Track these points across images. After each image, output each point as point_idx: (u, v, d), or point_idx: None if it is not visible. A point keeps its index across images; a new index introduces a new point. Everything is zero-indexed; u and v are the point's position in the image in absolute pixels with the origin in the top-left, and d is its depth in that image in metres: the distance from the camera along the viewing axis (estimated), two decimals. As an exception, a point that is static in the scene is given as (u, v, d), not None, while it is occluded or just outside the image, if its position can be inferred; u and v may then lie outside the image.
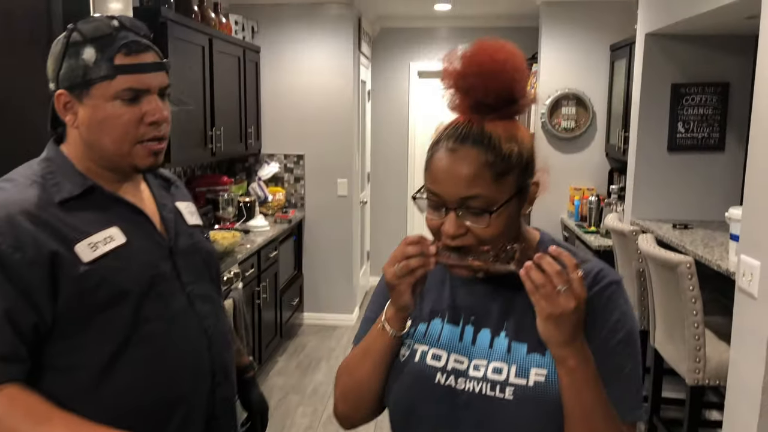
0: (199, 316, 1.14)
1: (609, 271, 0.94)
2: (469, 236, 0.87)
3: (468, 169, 0.85)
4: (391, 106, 5.60)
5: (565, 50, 4.35)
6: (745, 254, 1.99)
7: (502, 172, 0.85)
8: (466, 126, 0.88)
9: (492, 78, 0.84)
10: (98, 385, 1.04)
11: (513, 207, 0.88)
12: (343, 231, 4.53)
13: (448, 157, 0.86)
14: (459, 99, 0.89)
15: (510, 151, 0.86)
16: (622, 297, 0.92)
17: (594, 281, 0.91)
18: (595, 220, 3.99)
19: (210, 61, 3.33)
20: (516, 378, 0.88)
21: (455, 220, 0.86)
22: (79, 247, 1.02)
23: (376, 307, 1.02)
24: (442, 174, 0.86)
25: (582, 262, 0.94)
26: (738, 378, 2.01)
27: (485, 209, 0.85)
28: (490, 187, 0.85)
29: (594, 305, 0.89)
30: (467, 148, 0.85)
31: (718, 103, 3.32)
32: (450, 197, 0.86)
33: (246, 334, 2.88)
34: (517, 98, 0.87)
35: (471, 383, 0.90)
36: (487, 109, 0.87)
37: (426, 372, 0.93)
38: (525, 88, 0.88)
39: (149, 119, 1.07)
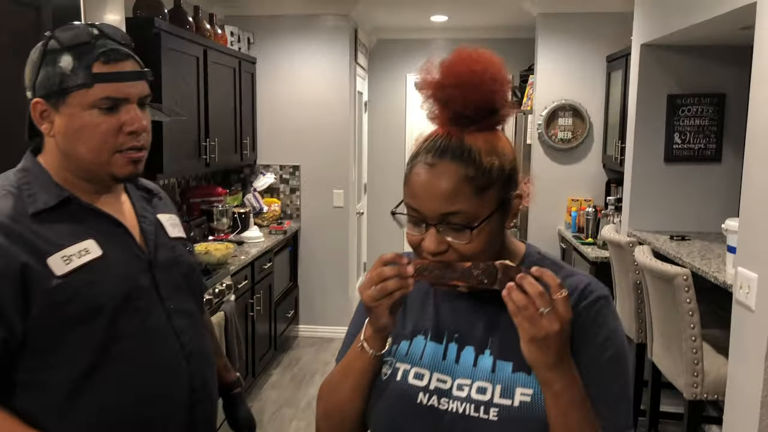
0: (178, 332, 1.11)
1: (596, 285, 0.91)
2: (450, 252, 0.84)
3: (447, 184, 0.82)
4: (388, 117, 5.59)
5: (562, 61, 4.35)
6: (743, 266, 1.96)
7: (483, 186, 0.83)
8: (445, 139, 0.85)
9: (471, 89, 0.82)
10: (70, 403, 1.00)
11: (495, 221, 0.86)
12: (339, 242, 4.50)
13: (427, 172, 0.83)
14: (438, 110, 0.86)
15: (491, 165, 0.83)
16: (610, 313, 0.89)
17: (581, 296, 0.89)
18: (592, 232, 3.97)
19: (204, 71, 3.32)
20: (501, 398, 0.85)
21: (436, 236, 0.83)
22: (52, 260, 0.99)
23: (359, 321, 0.99)
24: (421, 189, 0.83)
25: (567, 277, 0.91)
26: (736, 392, 1.97)
27: (466, 225, 0.82)
28: (470, 202, 0.82)
29: (582, 321, 0.87)
30: (446, 163, 0.83)
31: (714, 114, 3.31)
32: (430, 213, 0.83)
33: (238, 346, 2.84)
34: (497, 108, 0.85)
35: (455, 403, 0.87)
36: (467, 120, 0.84)
37: (408, 392, 0.90)
38: (505, 97, 0.85)
39: (128, 129, 1.05)
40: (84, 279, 1.01)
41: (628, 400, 0.89)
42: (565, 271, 0.93)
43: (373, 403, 0.94)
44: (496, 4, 4.37)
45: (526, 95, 4.78)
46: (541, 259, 0.94)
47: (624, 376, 0.89)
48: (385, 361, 0.94)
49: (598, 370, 0.86)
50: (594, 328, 0.87)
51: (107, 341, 1.02)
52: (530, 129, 4.47)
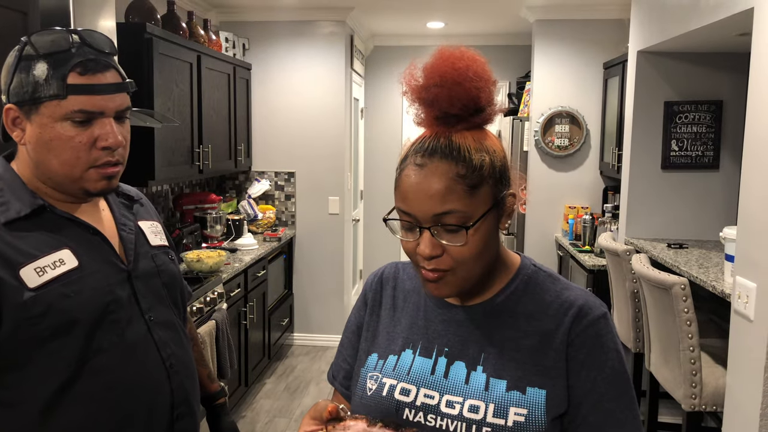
0: (159, 344, 1.07)
1: (594, 302, 0.87)
2: (446, 258, 0.81)
3: (439, 183, 0.79)
4: (385, 124, 5.57)
5: (559, 68, 4.33)
6: (741, 275, 1.93)
7: (475, 184, 0.80)
8: (433, 139, 0.82)
9: (455, 87, 0.80)
10: (45, 420, 0.96)
11: (490, 221, 0.83)
12: (335, 249, 4.46)
13: (417, 174, 0.81)
14: (424, 112, 0.84)
15: (481, 162, 0.80)
16: (609, 332, 0.86)
17: (579, 315, 0.85)
18: (589, 239, 3.93)
19: (198, 77, 3.30)
20: (494, 417, 0.82)
21: (430, 239, 0.81)
22: (25, 271, 0.95)
23: (355, 314, 1.01)
24: (412, 192, 0.81)
25: (563, 290, 0.89)
26: (735, 403, 1.94)
27: (461, 225, 0.79)
28: (463, 201, 0.79)
29: (580, 343, 0.84)
30: (436, 162, 0.80)
31: (711, 121, 3.28)
32: (422, 215, 0.80)
33: (230, 355, 2.80)
34: (483, 106, 0.83)
35: (444, 421, 0.83)
36: (454, 119, 0.82)
37: (393, 407, 0.87)
38: (490, 95, 0.83)
39: (101, 144, 1.00)
40: (58, 291, 0.97)
41: (634, 423, 0.85)
42: (561, 284, 0.90)
43: None
44: (492, 10, 4.35)
45: (523, 102, 4.76)
46: (536, 272, 0.91)
47: (627, 396, 0.85)
48: (371, 376, 0.91)
49: (599, 394, 0.83)
50: (593, 351, 0.84)
51: (83, 356, 0.98)
52: (527, 136, 4.45)
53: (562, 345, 0.84)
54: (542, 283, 0.90)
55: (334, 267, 4.47)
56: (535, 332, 0.86)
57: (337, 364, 1.02)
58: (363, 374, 0.93)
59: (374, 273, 1.03)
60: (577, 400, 0.83)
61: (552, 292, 0.88)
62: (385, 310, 0.97)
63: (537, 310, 0.87)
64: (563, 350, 0.84)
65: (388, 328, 0.95)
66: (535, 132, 4.35)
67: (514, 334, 0.86)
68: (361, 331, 0.99)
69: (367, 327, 0.98)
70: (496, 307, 0.88)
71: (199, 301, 2.66)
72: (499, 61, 5.16)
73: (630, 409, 0.85)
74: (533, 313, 0.87)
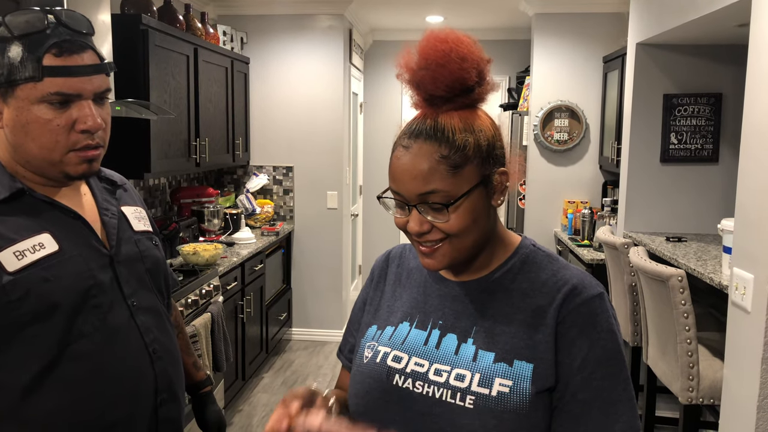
0: (142, 330, 1.06)
1: (589, 282, 0.88)
2: (435, 232, 0.85)
3: (422, 164, 0.82)
4: (384, 118, 5.55)
5: (558, 62, 4.31)
6: (738, 267, 1.91)
7: (458, 164, 0.82)
8: (420, 121, 0.86)
9: (438, 69, 0.82)
10: (25, 405, 0.95)
11: (477, 199, 0.85)
12: (333, 244, 4.45)
13: (404, 155, 0.84)
14: (414, 94, 0.87)
15: (465, 142, 0.83)
16: (604, 312, 0.86)
17: (572, 294, 0.86)
18: (588, 234, 3.92)
19: (195, 70, 3.28)
20: (478, 386, 0.83)
21: (417, 216, 0.84)
22: (4, 255, 0.94)
23: (363, 292, 1.05)
24: (399, 172, 0.85)
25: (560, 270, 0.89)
26: (732, 396, 1.92)
27: (444, 204, 0.82)
28: (446, 180, 0.82)
29: (572, 322, 0.85)
30: (420, 144, 0.83)
31: (711, 114, 3.26)
32: (409, 195, 0.84)
33: (226, 348, 2.79)
34: (471, 86, 0.84)
35: (431, 388, 0.86)
36: (441, 100, 0.85)
37: (385, 373, 0.90)
38: (481, 75, 0.85)
39: (80, 127, 0.98)
40: (38, 275, 0.96)
41: (627, 403, 0.85)
42: (558, 264, 0.91)
43: (352, 384, 0.94)
44: (491, 4, 4.33)
45: (522, 96, 4.74)
46: (535, 252, 0.93)
47: (620, 376, 0.85)
48: (369, 345, 0.94)
49: (590, 372, 0.84)
50: (585, 329, 0.85)
51: (65, 340, 0.97)
52: (526, 130, 4.43)
53: (553, 321, 0.85)
54: (539, 262, 0.91)
55: (332, 262, 4.46)
56: (528, 308, 0.87)
57: (345, 339, 1.07)
58: (362, 344, 0.97)
59: (383, 253, 1.08)
60: (566, 378, 0.84)
61: (548, 270, 0.90)
62: (388, 286, 1.01)
63: (531, 287, 0.89)
64: (553, 326, 0.85)
65: (390, 302, 0.99)
66: (535, 126, 4.33)
67: (508, 310, 0.88)
68: (365, 306, 1.03)
69: (371, 302, 1.02)
70: (492, 284, 0.90)
71: (195, 293, 2.65)
72: (499, 55, 5.14)
73: (623, 389, 0.85)
74: (527, 290, 0.89)
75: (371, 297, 1.02)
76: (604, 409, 0.83)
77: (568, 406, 0.83)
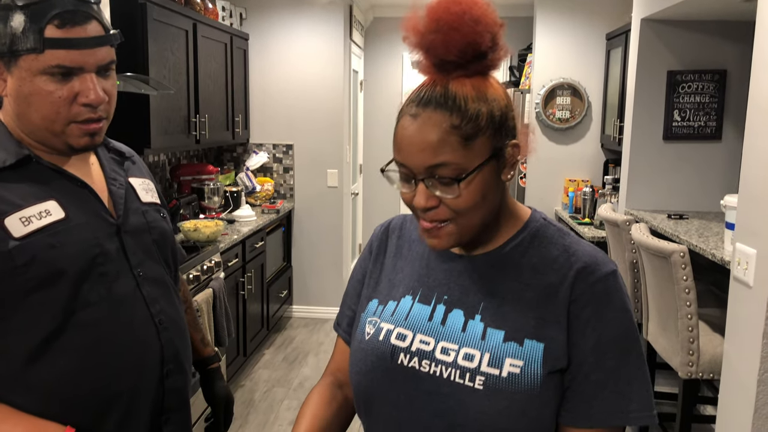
0: (148, 300, 1.06)
1: (601, 260, 0.84)
2: (442, 208, 0.80)
3: (431, 134, 0.76)
4: (385, 96, 5.51)
5: (560, 39, 4.26)
6: (741, 242, 1.91)
7: (470, 135, 0.77)
8: (429, 88, 0.79)
9: (450, 32, 0.76)
10: (29, 372, 0.95)
11: (488, 173, 0.79)
12: (334, 223, 4.45)
13: (411, 124, 0.78)
14: (423, 59, 0.81)
15: (478, 111, 0.77)
16: (618, 290, 0.83)
17: (586, 272, 0.82)
18: (589, 212, 3.92)
19: (194, 46, 3.25)
20: (488, 367, 0.80)
21: (425, 191, 0.79)
22: (10, 220, 0.93)
23: (360, 264, 1.01)
24: (406, 143, 0.78)
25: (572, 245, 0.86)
26: (732, 370, 1.93)
27: (455, 178, 0.77)
28: (457, 153, 0.76)
29: (587, 300, 0.81)
30: (430, 112, 0.77)
31: (715, 91, 3.24)
32: (416, 167, 0.78)
33: (227, 324, 2.80)
34: (484, 52, 0.78)
35: (438, 367, 0.82)
36: (452, 66, 0.78)
37: (389, 352, 0.86)
38: (493, 40, 0.79)
39: (82, 100, 0.97)
40: (44, 242, 0.95)
41: (642, 382, 0.83)
42: (569, 239, 0.87)
43: (353, 361, 0.91)
44: (494, -21, 4.27)
45: (524, 74, 4.70)
46: (546, 225, 0.89)
47: (634, 355, 0.83)
48: (370, 321, 0.91)
49: (604, 351, 0.81)
50: (600, 308, 0.81)
51: (70, 308, 0.96)
52: (528, 108, 4.40)
53: (565, 300, 0.82)
54: (551, 237, 0.87)
55: (332, 240, 4.46)
56: (539, 285, 0.83)
57: (342, 312, 1.02)
58: (363, 319, 0.93)
59: (381, 224, 1.03)
60: (580, 359, 0.81)
61: (559, 246, 0.86)
62: (389, 258, 0.97)
63: (542, 263, 0.85)
64: (565, 306, 0.82)
65: (390, 275, 0.94)
66: (536, 104, 4.31)
67: (517, 286, 0.84)
68: (365, 280, 0.99)
69: (371, 274, 0.98)
70: (501, 258, 0.86)
71: (196, 269, 2.65)
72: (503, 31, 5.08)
73: (637, 368, 0.82)
74: (538, 266, 0.85)
75: (371, 270, 0.98)
76: (618, 388, 0.81)
77: (581, 387, 0.81)
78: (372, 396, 0.88)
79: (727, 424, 1.93)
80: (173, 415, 1.10)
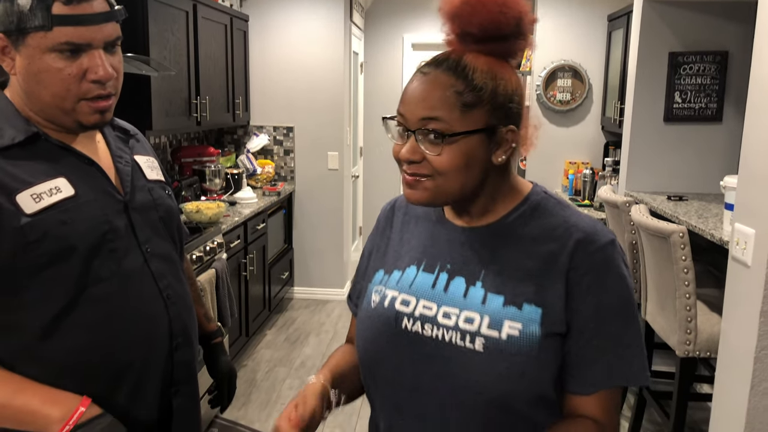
0: (156, 275, 1.08)
1: (602, 229, 0.88)
2: (425, 164, 0.83)
3: (434, 91, 0.81)
4: (385, 79, 5.49)
5: (562, 21, 4.24)
6: (740, 222, 1.93)
7: (469, 103, 0.81)
8: (446, 54, 0.85)
9: (478, 5, 0.81)
10: (42, 346, 0.97)
11: (476, 145, 0.82)
12: (334, 205, 4.46)
13: (419, 80, 0.84)
14: (448, 28, 0.85)
15: (483, 84, 0.81)
16: (617, 258, 0.86)
17: (587, 241, 0.85)
18: (589, 194, 3.93)
19: (194, 27, 3.23)
20: (488, 329, 0.83)
21: (413, 144, 0.83)
22: (21, 197, 0.94)
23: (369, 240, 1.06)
24: (409, 94, 0.84)
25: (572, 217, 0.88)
26: (729, 348, 1.96)
27: (441, 133, 0.81)
28: (453, 114, 0.81)
29: (587, 268, 0.84)
30: (438, 73, 0.82)
31: (716, 73, 3.24)
32: (412, 117, 0.83)
33: (230, 304, 2.83)
34: (506, 34, 0.82)
35: (440, 330, 0.86)
36: (472, 39, 0.83)
37: (393, 317, 0.90)
38: (519, 26, 0.82)
39: (91, 77, 0.98)
40: (55, 218, 0.96)
41: (639, 345, 0.87)
42: (569, 211, 0.90)
43: (360, 329, 0.94)
44: (495, -40, 4.24)
45: (525, 56, 4.69)
46: (546, 198, 0.92)
47: (633, 321, 0.86)
48: (376, 290, 0.94)
49: (604, 318, 0.85)
50: (600, 276, 0.84)
51: (82, 283, 0.98)
52: (529, 90, 4.39)
53: (564, 267, 0.84)
54: (551, 209, 0.90)
55: (333, 222, 4.48)
56: (539, 254, 0.86)
57: (353, 286, 1.07)
58: (370, 289, 0.97)
59: (388, 202, 1.07)
60: (580, 324, 0.84)
61: (559, 217, 0.89)
62: (395, 233, 1.01)
63: (542, 233, 0.88)
64: (564, 272, 0.84)
65: (396, 247, 0.98)
66: (537, 86, 4.30)
67: (517, 255, 0.87)
68: (372, 253, 1.03)
69: (378, 248, 1.02)
70: (502, 229, 0.89)
71: (199, 249, 2.67)
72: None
73: (636, 333, 0.86)
74: (538, 236, 0.88)
75: (377, 244, 1.02)
76: (618, 353, 0.84)
77: (582, 351, 0.84)
78: (377, 361, 0.91)
79: (723, 401, 1.96)
80: (182, 387, 1.12)
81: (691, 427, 2.78)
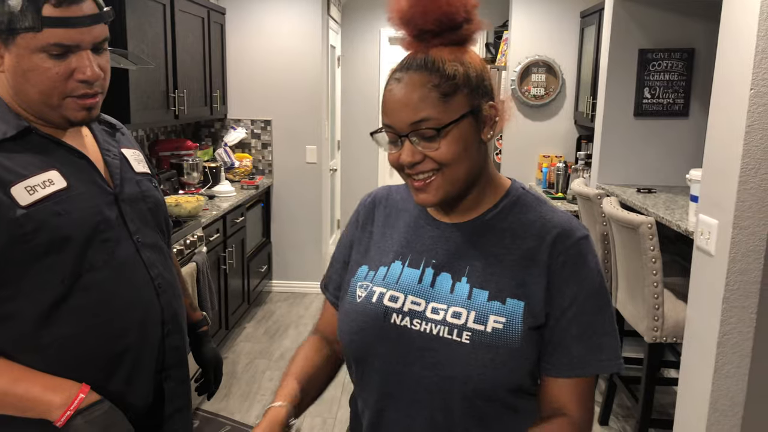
0: (147, 265, 1.11)
1: (577, 225, 0.93)
2: (427, 162, 0.86)
3: (414, 94, 0.84)
4: (362, 72, 5.52)
5: (536, 17, 4.32)
6: (704, 213, 2.02)
7: (448, 92, 0.85)
8: (411, 56, 0.89)
9: (428, 3, 0.85)
10: (39, 334, 1.00)
11: (467, 128, 0.87)
12: (313, 198, 4.49)
13: (396, 87, 0.86)
14: (405, 33, 0.89)
15: (454, 71, 0.85)
16: (590, 252, 0.92)
17: (563, 236, 0.91)
18: (562, 187, 4.03)
19: (172, 20, 3.22)
20: (474, 323, 0.88)
21: (409, 147, 0.86)
22: (16, 189, 0.97)
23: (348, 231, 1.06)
24: (391, 104, 0.86)
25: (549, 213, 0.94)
26: (694, 334, 2.06)
27: (435, 128, 0.84)
28: (437, 108, 0.84)
29: (563, 261, 0.90)
30: (411, 74, 0.85)
31: (683, 69, 3.35)
32: (400, 125, 0.86)
33: (210, 297, 2.85)
34: (459, 23, 0.87)
35: (429, 325, 0.90)
36: (429, 35, 0.87)
37: (382, 312, 0.93)
38: (469, 12, 0.87)
39: (79, 77, 1.00)
40: (50, 210, 0.99)
41: (614, 334, 0.92)
42: (546, 207, 0.95)
43: (345, 321, 0.97)
44: (471, -44, 4.29)
45: (500, 51, 4.76)
46: (525, 194, 0.97)
47: (606, 309, 0.92)
48: (361, 285, 0.97)
49: (581, 308, 0.90)
50: (576, 268, 0.90)
51: (76, 272, 1.01)
52: (503, 85, 4.47)
53: (543, 262, 0.90)
54: (529, 204, 0.95)
55: (311, 216, 4.50)
56: (518, 249, 0.91)
57: (329, 275, 1.09)
58: (353, 283, 0.99)
59: (368, 194, 1.09)
60: (559, 314, 0.89)
61: (537, 212, 0.94)
62: (377, 227, 1.03)
63: (521, 229, 0.92)
64: (544, 267, 0.90)
65: (380, 243, 1.01)
66: (512, 81, 4.37)
67: (499, 250, 0.92)
68: (353, 246, 1.05)
69: (359, 242, 1.04)
70: (484, 225, 0.94)
71: (180, 243, 2.68)
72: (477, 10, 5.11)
73: (610, 322, 0.92)
74: (518, 231, 0.92)
75: (358, 237, 1.04)
76: (593, 341, 0.90)
77: (561, 340, 0.89)
78: (364, 353, 0.94)
79: (689, 383, 2.06)
80: (173, 372, 1.16)
81: (658, 410, 2.89)
